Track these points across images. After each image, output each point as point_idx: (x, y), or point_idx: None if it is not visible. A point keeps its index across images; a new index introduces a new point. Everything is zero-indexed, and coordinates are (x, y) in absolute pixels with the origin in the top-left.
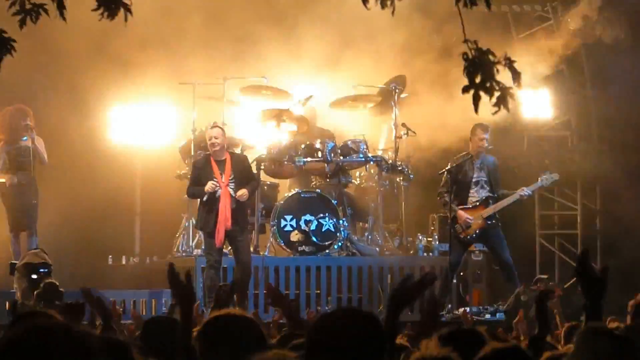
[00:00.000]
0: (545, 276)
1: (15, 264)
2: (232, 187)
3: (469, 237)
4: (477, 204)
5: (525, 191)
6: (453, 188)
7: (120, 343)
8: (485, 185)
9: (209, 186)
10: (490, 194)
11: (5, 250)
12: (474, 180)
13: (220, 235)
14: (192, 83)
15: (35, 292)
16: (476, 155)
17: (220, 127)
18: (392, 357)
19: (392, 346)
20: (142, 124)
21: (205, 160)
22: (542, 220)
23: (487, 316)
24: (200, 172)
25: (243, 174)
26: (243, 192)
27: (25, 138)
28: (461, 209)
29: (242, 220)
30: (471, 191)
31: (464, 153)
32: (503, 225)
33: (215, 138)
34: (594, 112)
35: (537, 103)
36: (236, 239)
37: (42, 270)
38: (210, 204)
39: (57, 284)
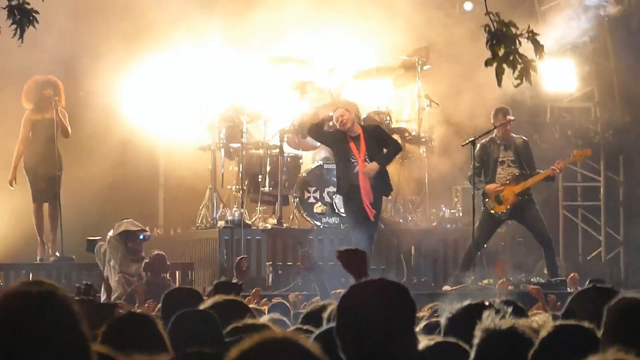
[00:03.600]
0: None
1: (93, 240)
2: (368, 162)
3: (501, 213)
4: (507, 182)
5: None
6: (481, 170)
7: (146, 316)
8: (512, 164)
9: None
10: (521, 172)
11: (23, 222)
12: (500, 160)
13: (369, 210)
14: (216, 55)
15: (144, 262)
16: (500, 137)
17: (342, 107)
18: None
19: None
20: (166, 96)
21: (341, 133)
22: (566, 192)
23: (510, 287)
24: (337, 141)
25: (378, 145)
26: (369, 169)
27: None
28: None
29: (380, 194)
30: (498, 170)
31: (488, 137)
32: None
33: (342, 116)
34: (617, 83)
35: (560, 74)
36: (369, 210)
37: (142, 237)
38: (350, 179)
39: (165, 255)
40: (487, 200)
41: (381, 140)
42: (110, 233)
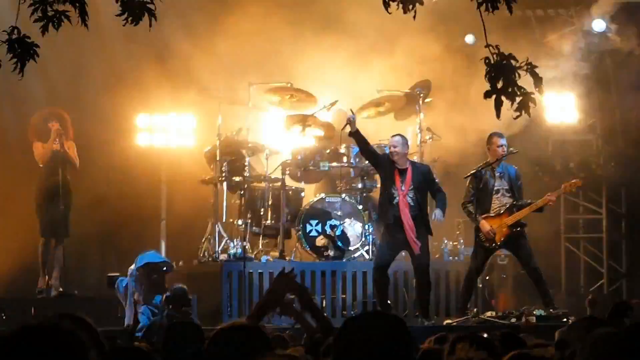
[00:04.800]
0: None
1: (112, 276)
2: (411, 196)
3: (493, 245)
4: (501, 211)
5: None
6: (474, 198)
7: (142, 351)
8: (506, 194)
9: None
10: (514, 202)
11: (25, 256)
12: (495, 188)
13: (414, 244)
14: (217, 88)
15: (164, 296)
16: (496, 164)
17: (401, 136)
18: None
19: None
20: (168, 130)
21: (390, 163)
22: (568, 224)
23: (513, 320)
24: (384, 167)
25: (423, 185)
26: (439, 215)
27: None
28: (485, 217)
29: (423, 226)
30: (493, 199)
31: (484, 162)
32: (528, 229)
33: (394, 147)
34: (619, 115)
35: (562, 107)
36: (414, 243)
37: (165, 269)
38: (393, 210)
39: (187, 289)
40: (480, 233)
41: (430, 182)
42: (133, 266)
